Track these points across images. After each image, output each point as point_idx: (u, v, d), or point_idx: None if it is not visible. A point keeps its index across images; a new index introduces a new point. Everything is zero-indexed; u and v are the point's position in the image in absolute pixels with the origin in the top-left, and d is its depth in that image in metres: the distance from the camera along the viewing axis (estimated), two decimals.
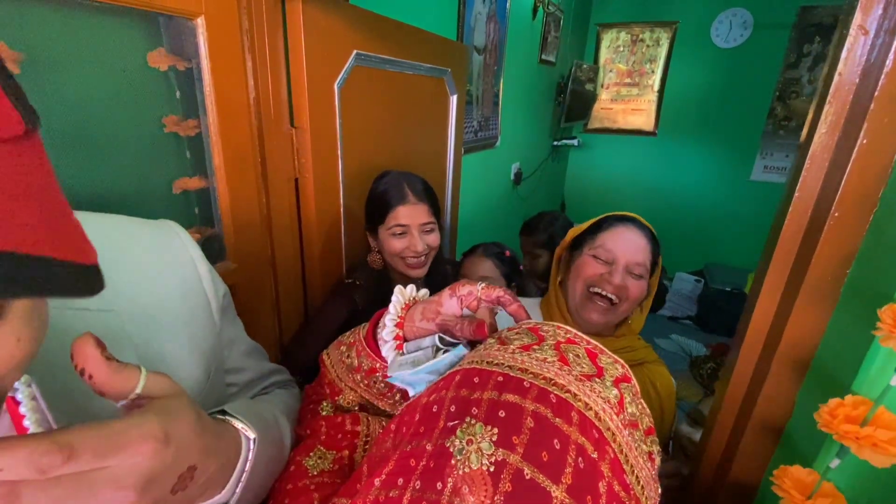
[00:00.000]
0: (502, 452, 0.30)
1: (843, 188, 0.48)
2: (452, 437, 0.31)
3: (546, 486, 0.29)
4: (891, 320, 0.39)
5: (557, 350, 0.38)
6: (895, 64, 0.44)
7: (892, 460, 0.42)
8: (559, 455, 0.31)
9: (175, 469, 0.29)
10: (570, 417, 0.33)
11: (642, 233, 0.87)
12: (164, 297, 0.47)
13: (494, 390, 0.33)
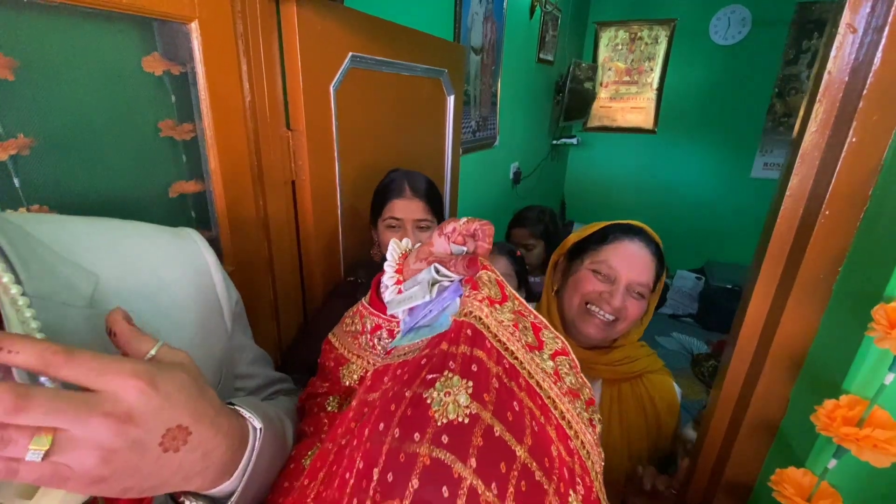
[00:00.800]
0: (476, 406, 0.32)
1: (833, 187, 0.48)
2: (431, 388, 0.33)
3: (512, 445, 0.32)
4: (885, 321, 0.39)
5: (513, 315, 0.41)
6: (883, 62, 0.44)
7: (891, 459, 0.42)
8: (519, 417, 0.33)
9: (161, 419, 0.31)
10: (520, 383, 0.36)
11: (648, 249, 0.82)
12: (180, 300, 0.48)
13: (466, 344, 0.36)
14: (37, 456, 0.26)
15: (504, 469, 0.30)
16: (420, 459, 0.30)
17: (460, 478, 0.29)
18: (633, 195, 3.89)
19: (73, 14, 0.63)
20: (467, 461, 0.30)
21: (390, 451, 0.31)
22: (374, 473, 0.30)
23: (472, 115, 2.03)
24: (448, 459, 0.30)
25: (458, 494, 0.29)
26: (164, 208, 0.82)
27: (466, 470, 0.30)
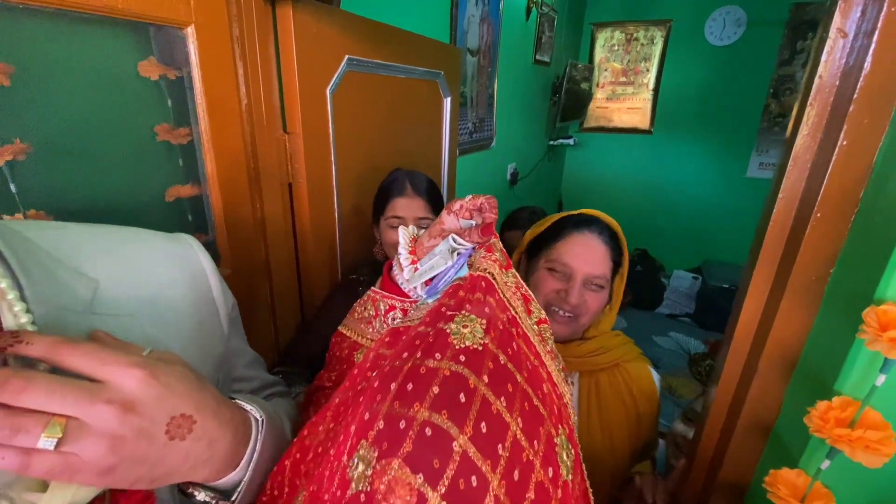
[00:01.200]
0: (488, 339, 0.37)
1: (825, 189, 0.48)
2: (451, 322, 0.38)
3: (513, 372, 0.37)
4: (875, 323, 0.39)
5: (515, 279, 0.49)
6: (873, 66, 0.45)
7: (884, 460, 0.42)
8: (517, 354, 0.39)
9: (164, 407, 0.32)
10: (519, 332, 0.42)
11: (601, 238, 0.81)
12: (178, 305, 0.49)
13: (481, 292, 0.41)
14: (50, 444, 0.26)
15: (511, 388, 0.35)
16: (441, 371, 0.34)
17: (475, 387, 0.33)
18: (630, 195, 3.90)
19: (68, 19, 0.63)
20: (481, 376, 0.34)
21: (412, 367, 0.35)
22: (392, 386, 0.34)
23: (469, 117, 2.04)
24: (465, 373, 0.34)
25: (473, 401, 0.33)
26: (161, 212, 0.82)
27: (481, 382, 0.34)
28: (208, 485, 0.39)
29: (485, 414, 0.32)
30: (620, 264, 0.84)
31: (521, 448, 0.32)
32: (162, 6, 0.69)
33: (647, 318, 3.45)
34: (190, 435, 0.33)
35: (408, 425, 0.31)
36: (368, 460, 0.31)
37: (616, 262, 0.81)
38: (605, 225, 0.83)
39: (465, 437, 0.30)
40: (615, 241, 0.82)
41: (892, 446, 0.41)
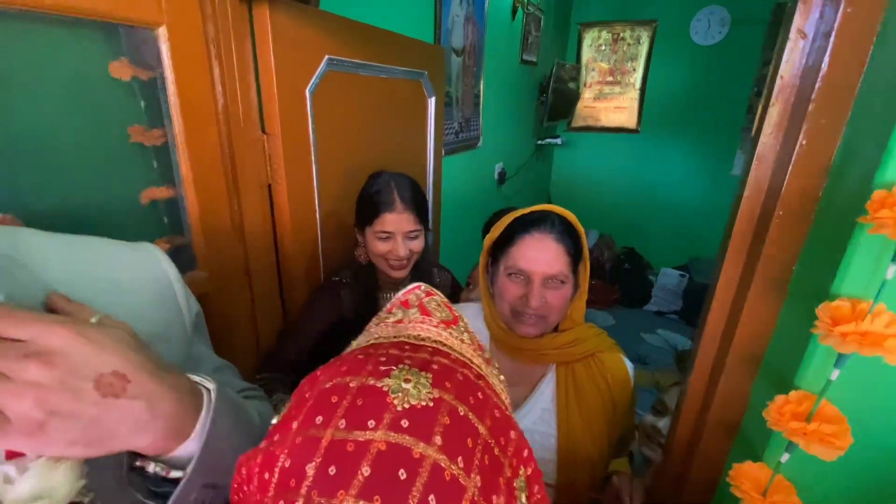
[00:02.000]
0: (438, 392, 0.32)
1: (786, 188, 0.49)
2: (386, 378, 0.32)
3: (475, 423, 0.32)
4: (828, 319, 0.40)
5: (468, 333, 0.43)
6: (830, 67, 0.45)
7: (839, 453, 0.43)
8: (482, 402, 0.34)
9: (91, 362, 0.32)
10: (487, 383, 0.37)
11: (552, 235, 0.80)
12: (139, 310, 0.48)
13: (427, 354, 0.36)
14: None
15: (471, 444, 0.31)
16: (374, 446, 0.29)
17: (422, 457, 0.29)
18: (617, 194, 3.93)
19: (35, 21, 0.62)
20: (431, 439, 0.30)
21: (332, 443, 0.29)
22: (308, 470, 0.28)
23: (455, 117, 2.04)
24: (407, 442, 0.29)
25: (419, 473, 0.28)
26: (136, 215, 0.81)
27: (430, 447, 0.29)
28: (158, 457, 0.38)
29: (434, 484, 0.28)
30: (580, 254, 0.83)
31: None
32: (131, 6, 0.68)
33: (635, 315, 3.48)
34: (125, 393, 0.33)
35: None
36: None
37: (573, 254, 0.81)
38: (556, 220, 0.82)
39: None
40: (570, 234, 0.82)
41: (847, 439, 0.42)
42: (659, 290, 3.62)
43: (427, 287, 0.44)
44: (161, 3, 0.72)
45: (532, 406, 0.90)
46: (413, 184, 1.10)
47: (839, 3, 0.44)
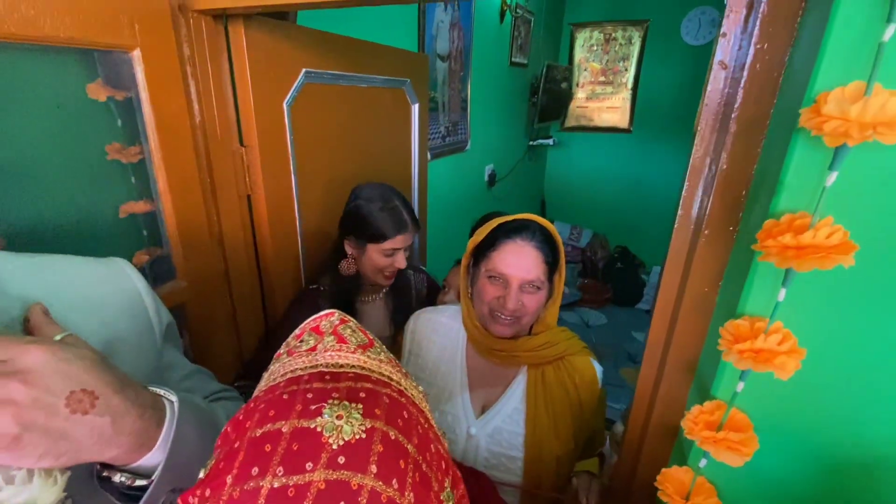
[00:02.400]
0: (369, 422, 0.34)
1: (710, 210, 0.52)
2: (318, 417, 0.33)
3: (405, 444, 0.34)
4: (730, 336, 0.43)
5: (384, 354, 0.44)
6: (744, 96, 0.49)
7: (745, 459, 0.47)
8: (408, 422, 0.36)
9: (62, 381, 0.35)
10: (408, 399, 0.40)
11: (532, 243, 0.85)
12: (113, 325, 0.52)
13: (350, 381, 0.37)
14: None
15: (403, 465, 0.33)
16: (314, 486, 0.30)
17: (360, 487, 0.31)
18: (610, 193, 3.95)
19: (16, 50, 0.66)
20: (368, 469, 0.31)
21: (272, 491, 0.30)
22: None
23: (441, 121, 2.06)
24: (345, 476, 0.31)
25: (358, 502, 0.30)
26: (115, 228, 0.84)
27: (367, 476, 0.31)
28: (125, 467, 0.41)
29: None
30: (557, 263, 0.88)
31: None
32: (105, 33, 0.72)
33: (627, 314, 3.51)
34: (93, 410, 0.36)
35: None
36: None
37: (550, 262, 0.85)
38: (537, 229, 0.86)
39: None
40: (549, 243, 0.86)
41: (753, 446, 0.45)
42: (651, 288, 3.65)
43: (341, 314, 0.46)
44: (135, 27, 0.75)
45: (503, 406, 0.94)
46: (402, 197, 1.17)
47: (752, 38, 0.47)
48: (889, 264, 0.40)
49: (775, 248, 0.37)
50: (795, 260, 0.37)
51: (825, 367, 0.44)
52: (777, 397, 0.46)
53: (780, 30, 0.44)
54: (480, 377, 0.97)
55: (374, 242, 1.10)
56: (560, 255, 0.89)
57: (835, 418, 0.46)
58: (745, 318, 0.43)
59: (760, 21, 0.45)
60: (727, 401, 0.47)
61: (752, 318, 0.43)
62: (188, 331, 0.97)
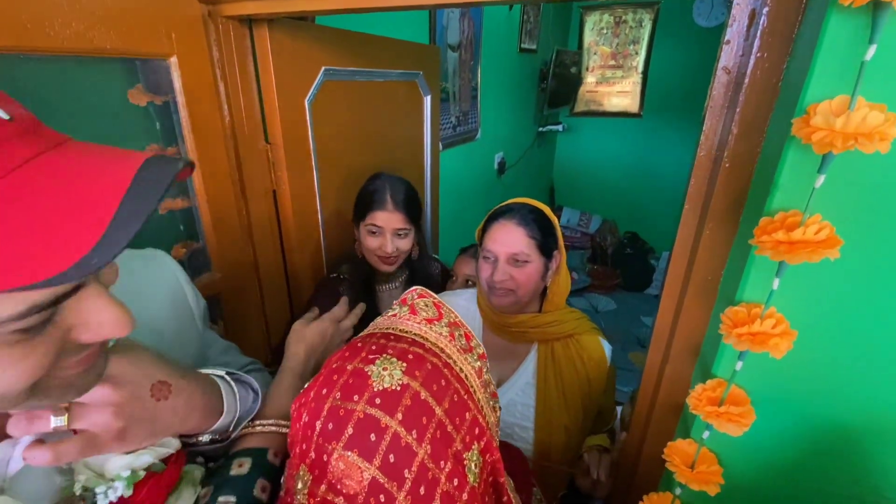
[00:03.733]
0: (407, 379, 0.43)
1: (713, 205, 0.57)
2: (371, 365, 0.43)
3: (433, 406, 0.42)
4: (729, 321, 0.48)
5: (448, 327, 0.52)
6: (745, 101, 0.53)
7: (744, 429, 0.52)
8: (443, 389, 0.44)
9: (143, 377, 0.43)
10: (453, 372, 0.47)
11: (513, 221, 0.93)
12: (160, 315, 0.59)
13: (406, 344, 0.46)
14: (61, 422, 0.37)
15: (425, 421, 0.42)
16: (356, 414, 0.40)
17: (387, 427, 0.40)
18: (620, 178, 3.96)
19: (67, 61, 0.71)
20: (395, 415, 0.41)
21: (331, 408, 0.41)
22: (317, 424, 0.41)
23: (452, 111, 2.10)
24: (377, 414, 0.41)
25: (383, 438, 0.40)
26: (155, 223, 0.91)
27: (393, 421, 0.40)
28: (205, 431, 0.51)
29: (394, 447, 0.39)
30: (547, 239, 0.94)
31: (427, 469, 0.40)
32: (146, 42, 0.77)
33: (636, 299, 3.55)
34: (170, 395, 0.44)
35: (328, 459, 0.40)
36: (305, 481, 0.41)
37: (536, 237, 0.92)
38: (520, 209, 0.95)
39: (374, 468, 0.39)
40: (536, 221, 0.93)
41: (751, 418, 0.51)
42: (661, 273, 3.67)
43: (422, 290, 0.56)
44: (172, 36, 0.80)
45: (516, 380, 1.02)
46: (407, 187, 1.19)
47: (752, 46, 0.51)
48: (870, 257, 0.44)
49: (770, 243, 0.42)
50: (787, 254, 0.41)
51: (814, 347, 0.49)
52: (771, 374, 0.51)
53: (778, 41, 0.48)
54: (495, 354, 1.04)
55: (362, 220, 1.17)
56: (555, 234, 0.96)
57: (822, 391, 0.51)
58: (743, 304, 0.48)
59: (761, 32, 0.49)
60: (727, 378, 0.52)
61: (749, 304, 0.48)
62: (223, 319, 1.04)
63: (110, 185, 0.29)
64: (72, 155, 0.31)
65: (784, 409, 0.54)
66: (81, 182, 0.29)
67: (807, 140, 0.39)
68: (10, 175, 0.27)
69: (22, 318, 0.28)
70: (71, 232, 0.27)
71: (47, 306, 0.29)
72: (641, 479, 0.78)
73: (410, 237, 1.19)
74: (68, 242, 0.27)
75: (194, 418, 0.48)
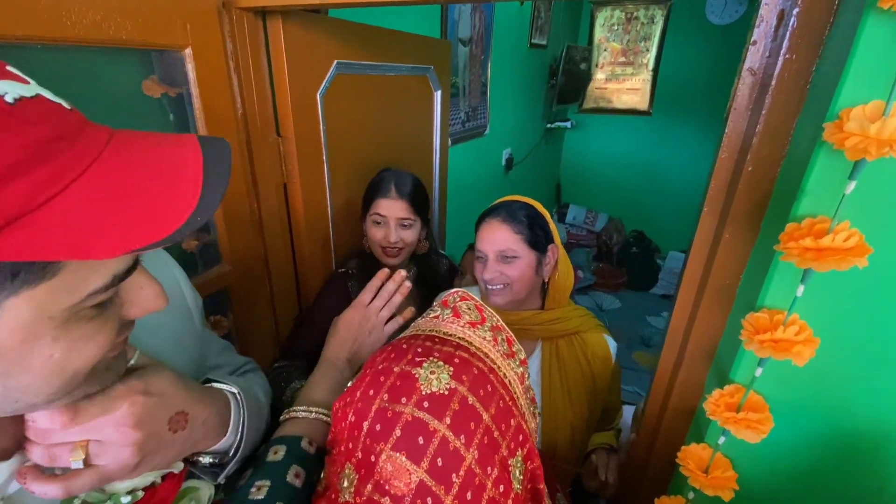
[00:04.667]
0: (455, 383, 0.43)
1: (734, 209, 0.56)
2: (419, 368, 0.43)
3: (480, 411, 0.43)
4: (751, 327, 0.47)
5: (491, 331, 0.52)
6: (771, 104, 0.52)
7: (762, 436, 0.52)
8: (489, 394, 0.44)
9: (161, 413, 0.42)
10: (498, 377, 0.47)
11: (499, 219, 0.94)
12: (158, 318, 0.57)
13: (451, 348, 0.46)
14: (78, 464, 0.36)
15: (473, 427, 0.42)
16: (404, 416, 0.41)
17: (435, 430, 0.40)
18: (627, 177, 3.93)
19: (82, 51, 0.71)
20: (443, 419, 0.41)
21: (379, 409, 0.42)
22: (364, 425, 0.42)
23: (462, 106, 2.08)
24: (425, 418, 0.41)
25: (432, 441, 0.40)
26: None
27: (441, 425, 0.41)
28: (208, 450, 0.50)
29: (442, 451, 0.39)
30: (536, 235, 0.94)
31: (475, 474, 0.40)
32: (161, 33, 0.76)
33: (641, 298, 3.54)
34: (187, 425, 0.44)
35: (376, 459, 0.40)
36: (351, 480, 0.41)
37: (523, 233, 0.93)
38: (507, 206, 0.96)
39: (422, 471, 0.39)
40: (526, 217, 0.94)
41: (769, 424, 0.50)
42: (666, 273, 3.66)
43: (464, 292, 0.56)
44: (187, 27, 0.80)
45: None
46: (414, 180, 1.19)
47: (781, 48, 0.50)
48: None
49: (796, 250, 0.41)
50: (815, 261, 0.41)
51: (835, 355, 0.49)
52: (789, 381, 0.51)
53: (808, 43, 0.47)
54: None
55: (367, 211, 1.17)
56: (544, 227, 0.97)
57: (842, 399, 0.50)
58: (765, 310, 0.48)
59: (790, 33, 0.48)
60: (745, 384, 0.52)
61: (772, 310, 0.47)
62: (232, 312, 1.04)
63: (190, 154, 0.33)
64: (131, 135, 0.34)
65: (801, 417, 0.53)
66: (161, 154, 0.32)
67: (839, 146, 0.38)
68: (105, 150, 0.30)
69: (107, 289, 0.30)
70: (175, 195, 0.30)
71: (122, 278, 0.32)
72: (650, 482, 0.78)
73: (415, 229, 1.19)
74: (177, 204, 0.30)
75: (206, 440, 0.47)
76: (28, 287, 0.27)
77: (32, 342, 0.29)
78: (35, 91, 0.29)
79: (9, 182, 0.25)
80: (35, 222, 0.25)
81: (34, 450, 0.36)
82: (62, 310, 0.29)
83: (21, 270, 0.26)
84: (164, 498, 0.44)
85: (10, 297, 0.27)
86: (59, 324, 0.30)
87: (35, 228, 0.25)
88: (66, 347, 0.30)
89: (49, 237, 0.26)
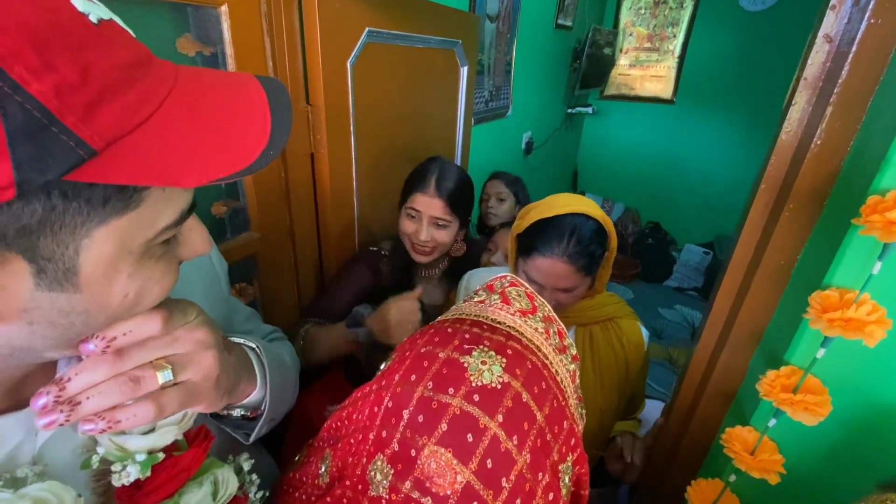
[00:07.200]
0: (508, 377, 0.38)
1: (797, 184, 0.54)
2: (468, 356, 0.39)
3: (534, 411, 0.38)
4: (818, 306, 0.45)
5: (543, 322, 0.47)
6: (850, 72, 0.49)
7: (819, 419, 0.50)
8: (543, 392, 0.40)
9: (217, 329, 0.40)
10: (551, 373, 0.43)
11: (563, 259, 0.82)
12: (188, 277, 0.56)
13: (502, 337, 0.42)
14: (168, 376, 0.33)
15: (526, 427, 0.38)
16: (451, 409, 0.36)
17: (486, 428, 0.36)
18: (646, 167, 3.86)
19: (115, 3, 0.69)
20: (495, 416, 0.37)
21: (422, 398, 0.37)
22: (405, 414, 0.37)
23: (486, 85, 2.04)
24: (476, 413, 0.36)
25: (482, 440, 0.36)
26: None
27: (493, 423, 0.36)
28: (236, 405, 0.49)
29: (492, 451, 0.35)
30: (597, 261, 0.87)
31: (525, 479, 0.36)
32: None
33: (654, 290, 3.50)
34: (231, 350, 0.43)
35: (417, 454, 0.35)
36: (385, 473, 0.37)
37: (584, 266, 0.84)
38: (571, 235, 0.83)
39: (469, 472, 0.35)
40: (588, 246, 0.83)
41: (827, 408, 0.48)
42: (681, 266, 3.62)
43: (513, 277, 0.51)
44: None
45: None
46: (459, 178, 1.09)
47: (865, 12, 0.47)
48: None
49: (880, 223, 0.39)
50: None
51: None
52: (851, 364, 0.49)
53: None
54: None
55: (404, 202, 1.10)
56: (610, 245, 0.88)
57: None
58: (833, 289, 0.45)
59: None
60: (803, 366, 0.50)
61: (841, 289, 0.45)
62: (258, 279, 1.03)
63: (254, 91, 0.32)
64: (195, 70, 0.33)
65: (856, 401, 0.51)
66: (228, 89, 0.32)
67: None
68: (177, 81, 0.29)
69: (176, 225, 0.31)
70: (248, 128, 0.31)
71: (187, 215, 0.32)
72: (679, 466, 0.77)
73: (450, 230, 1.09)
74: (250, 137, 0.30)
75: (232, 392, 0.44)
76: (116, 216, 0.27)
77: (113, 276, 0.29)
78: (109, 14, 0.28)
79: (106, 102, 0.24)
80: (130, 146, 0.25)
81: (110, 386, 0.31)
82: (140, 244, 0.29)
83: (112, 197, 0.26)
84: (189, 466, 0.40)
85: (99, 226, 0.26)
86: (136, 259, 0.30)
87: (131, 152, 0.25)
88: (139, 287, 0.31)
89: (145, 162, 0.25)
